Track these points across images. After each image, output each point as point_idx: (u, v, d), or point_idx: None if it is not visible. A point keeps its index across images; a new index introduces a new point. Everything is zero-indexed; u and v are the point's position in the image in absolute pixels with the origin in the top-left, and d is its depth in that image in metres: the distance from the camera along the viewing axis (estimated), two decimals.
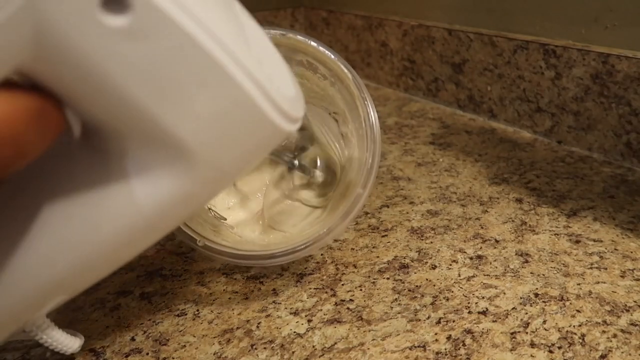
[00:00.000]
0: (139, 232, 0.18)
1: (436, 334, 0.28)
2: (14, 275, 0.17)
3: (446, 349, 0.27)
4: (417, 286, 0.32)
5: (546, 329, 0.28)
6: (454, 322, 0.29)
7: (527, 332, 0.28)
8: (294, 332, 0.28)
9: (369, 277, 0.33)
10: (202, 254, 0.36)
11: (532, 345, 0.27)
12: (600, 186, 0.44)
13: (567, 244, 0.36)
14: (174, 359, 0.27)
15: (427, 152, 0.52)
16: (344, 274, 0.33)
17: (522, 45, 0.54)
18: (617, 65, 0.46)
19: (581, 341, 0.27)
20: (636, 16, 0.45)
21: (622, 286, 0.31)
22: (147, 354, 0.27)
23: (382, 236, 0.38)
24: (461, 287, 0.32)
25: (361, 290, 0.32)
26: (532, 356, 0.26)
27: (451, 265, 0.34)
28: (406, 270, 0.33)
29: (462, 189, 0.44)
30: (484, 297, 0.31)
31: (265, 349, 0.27)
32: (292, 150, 0.38)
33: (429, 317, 0.29)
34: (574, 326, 0.28)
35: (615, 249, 0.35)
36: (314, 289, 0.32)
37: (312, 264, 0.34)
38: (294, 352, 0.27)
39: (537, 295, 0.31)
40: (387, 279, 0.33)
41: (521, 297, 0.31)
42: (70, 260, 0.18)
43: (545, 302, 0.30)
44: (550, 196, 0.42)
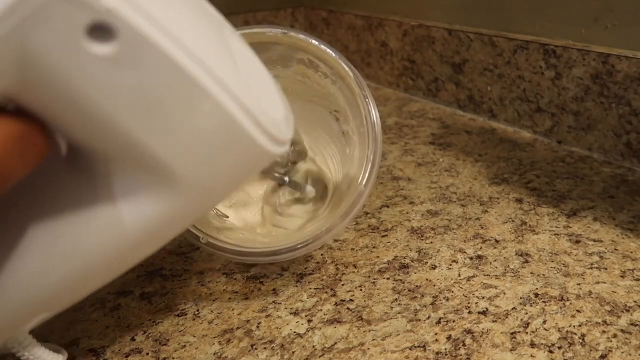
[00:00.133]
0: (125, 251, 0.18)
1: (436, 334, 0.28)
2: None
3: (446, 349, 0.27)
4: (417, 286, 0.32)
5: (546, 329, 0.28)
6: (454, 322, 0.29)
7: (527, 332, 0.28)
8: (294, 332, 0.28)
9: (369, 277, 0.33)
10: (203, 253, 0.36)
11: (532, 345, 0.27)
12: (600, 186, 0.44)
13: (567, 244, 0.36)
14: (174, 359, 0.27)
15: (427, 152, 0.52)
16: (344, 274, 0.33)
17: (522, 45, 0.54)
18: (617, 65, 0.46)
19: (581, 341, 0.27)
20: (636, 16, 0.45)
21: (622, 286, 0.31)
22: (147, 354, 0.27)
23: (382, 236, 0.38)
24: (461, 287, 0.32)
25: (361, 290, 0.32)
26: (532, 356, 0.26)
27: (451, 265, 0.34)
28: (406, 270, 0.33)
29: (462, 189, 0.44)
30: (484, 297, 0.31)
31: (265, 349, 0.27)
32: (283, 165, 0.37)
33: (429, 317, 0.29)
34: (574, 326, 0.28)
35: (615, 249, 0.35)
36: (314, 289, 0.32)
37: (312, 264, 0.34)
38: (294, 352, 0.27)
39: (537, 295, 0.31)
40: (387, 279, 0.33)
41: (521, 297, 0.31)
42: (55, 278, 0.18)
43: (545, 302, 0.30)
44: (550, 196, 0.42)
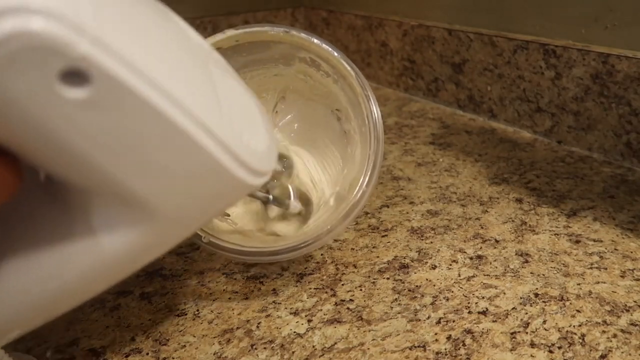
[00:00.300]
0: (101, 276, 0.18)
1: (436, 334, 0.28)
2: None
3: (446, 349, 0.27)
4: (417, 286, 0.32)
5: (546, 329, 0.28)
6: (454, 322, 0.29)
7: (527, 332, 0.28)
8: (294, 332, 0.28)
9: (369, 277, 0.33)
10: (203, 253, 0.36)
11: (532, 345, 0.27)
12: (600, 186, 0.44)
13: (567, 244, 0.36)
14: (174, 359, 0.27)
15: (427, 152, 0.52)
16: (344, 274, 0.33)
17: (522, 45, 0.54)
18: (617, 65, 0.46)
19: (581, 341, 0.27)
20: (636, 16, 0.45)
21: (622, 286, 0.31)
22: (147, 354, 0.27)
23: (382, 236, 0.38)
24: (461, 287, 0.32)
25: (361, 290, 0.32)
26: (532, 356, 0.26)
27: (451, 265, 0.34)
28: (406, 270, 0.33)
29: (462, 189, 0.44)
30: (484, 297, 0.31)
31: (265, 349, 0.27)
32: (265, 184, 0.36)
33: (429, 317, 0.29)
34: (574, 326, 0.28)
35: (615, 249, 0.35)
36: (314, 289, 0.32)
37: (312, 264, 0.34)
38: (294, 352, 0.27)
39: (537, 295, 0.31)
40: (387, 279, 0.33)
41: (521, 297, 0.31)
42: (32, 300, 0.18)
43: (545, 302, 0.30)
44: (550, 196, 0.42)
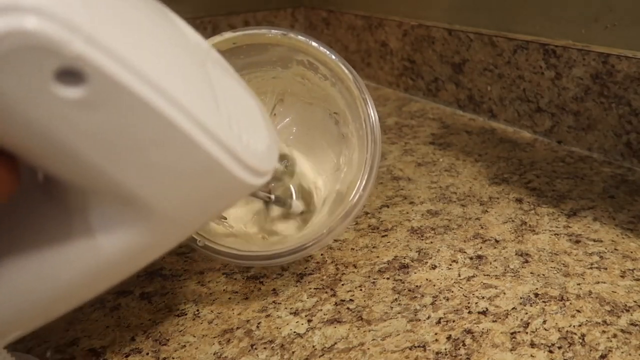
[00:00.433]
0: (100, 277, 0.18)
1: (436, 334, 0.28)
2: None
3: (446, 349, 0.27)
4: (417, 286, 0.32)
5: (546, 329, 0.28)
6: (454, 322, 0.29)
7: (527, 332, 0.28)
8: (294, 332, 0.28)
9: (369, 277, 0.33)
10: (202, 254, 0.36)
11: (532, 345, 0.27)
12: (600, 186, 0.44)
13: (567, 244, 0.36)
14: (174, 359, 0.27)
15: (427, 152, 0.52)
16: (344, 274, 0.33)
17: (522, 45, 0.54)
18: (617, 65, 0.46)
19: (581, 341, 0.27)
20: (636, 16, 0.45)
21: (622, 286, 0.31)
22: (147, 354, 0.27)
23: (382, 236, 0.38)
24: (461, 287, 0.32)
25: (361, 290, 0.32)
26: (532, 356, 0.26)
27: (451, 265, 0.34)
28: (406, 270, 0.33)
29: (462, 189, 0.44)
30: (484, 297, 0.31)
31: (265, 349, 0.27)
32: (266, 185, 0.36)
33: (429, 317, 0.29)
34: (574, 326, 0.28)
35: (615, 249, 0.35)
36: (314, 289, 0.32)
37: (312, 264, 0.34)
38: (294, 352, 0.27)
39: (537, 295, 0.31)
40: (387, 279, 0.33)
41: (521, 297, 0.31)
42: (31, 301, 0.18)
43: (545, 302, 0.30)
44: (550, 196, 0.42)
